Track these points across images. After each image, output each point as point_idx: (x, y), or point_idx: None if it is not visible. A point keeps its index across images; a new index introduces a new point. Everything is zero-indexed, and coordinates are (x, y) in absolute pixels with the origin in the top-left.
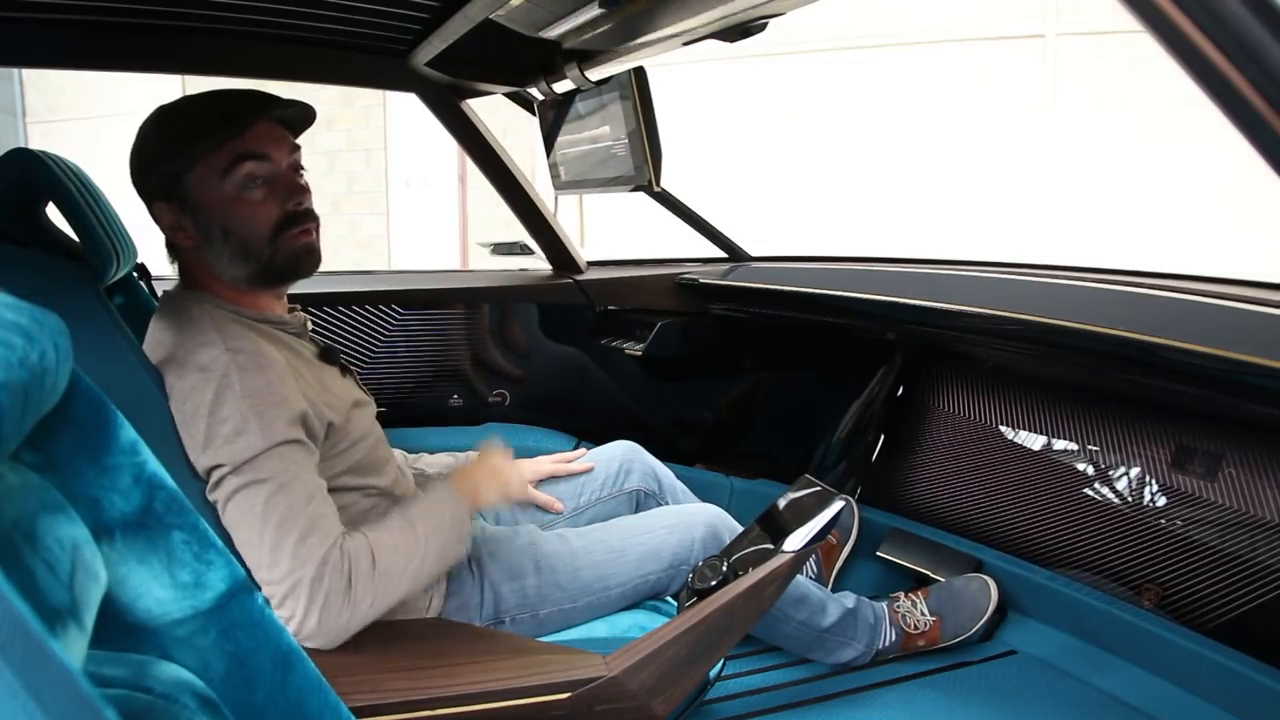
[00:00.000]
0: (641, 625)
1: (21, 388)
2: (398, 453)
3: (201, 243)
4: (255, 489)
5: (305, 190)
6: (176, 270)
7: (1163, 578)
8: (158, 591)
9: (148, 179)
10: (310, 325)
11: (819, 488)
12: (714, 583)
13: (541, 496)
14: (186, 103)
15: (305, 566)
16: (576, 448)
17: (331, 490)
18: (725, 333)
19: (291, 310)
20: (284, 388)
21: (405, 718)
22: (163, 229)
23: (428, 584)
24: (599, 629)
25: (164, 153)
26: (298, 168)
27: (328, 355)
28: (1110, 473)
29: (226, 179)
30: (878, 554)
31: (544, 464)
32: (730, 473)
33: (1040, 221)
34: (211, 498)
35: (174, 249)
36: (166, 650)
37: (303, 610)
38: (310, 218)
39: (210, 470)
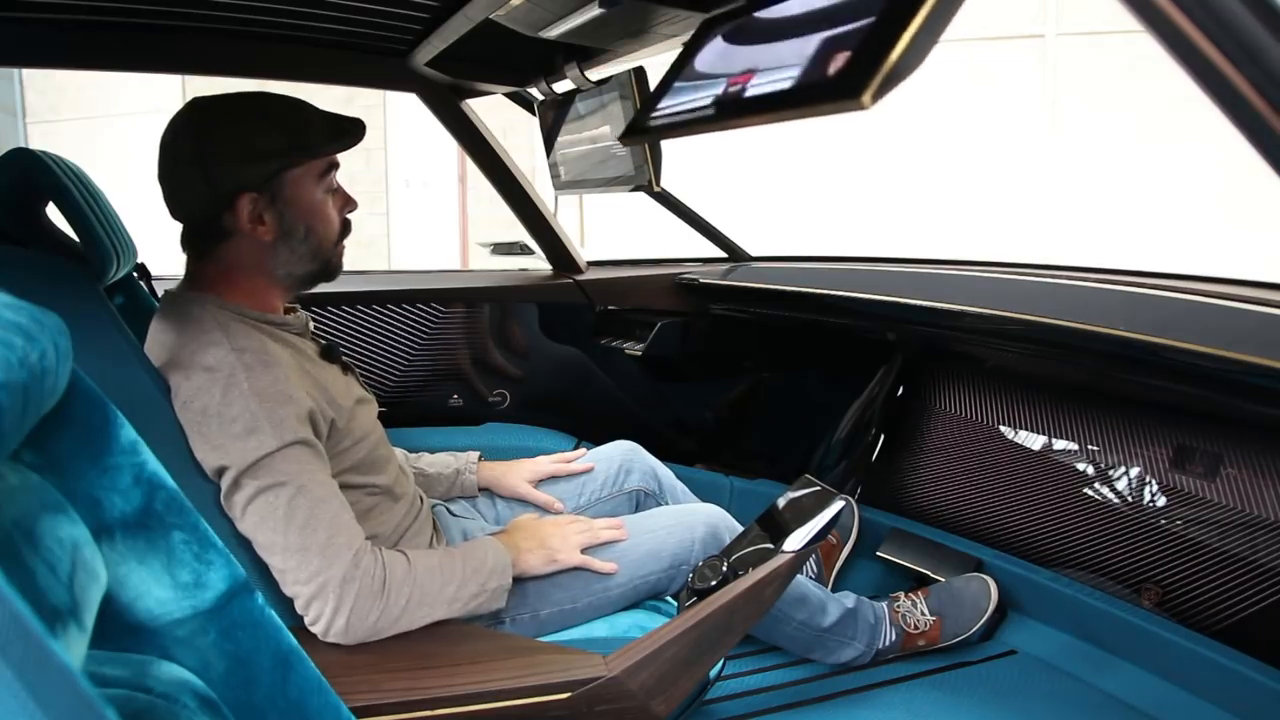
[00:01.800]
0: (641, 625)
1: (21, 388)
2: (398, 452)
3: (278, 238)
4: (275, 492)
5: (354, 201)
6: (187, 263)
7: (1163, 578)
8: (158, 591)
9: (240, 169)
10: (311, 325)
11: (819, 488)
12: (714, 583)
13: (541, 496)
14: (284, 100)
15: (333, 567)
16: (576, 448)
17: None
18: (725, 333)
19: (292, 311)
20: (291, 386)
21: (405, 718)
22: (239, 221)
23: (460, 615)
24: (599, 629)
25: (273, 146)
26: None
27: (329, 354)
28: (1110, 473)
29: (320, 182)
30: (878, 554)
31: (544, 464)
32: (730, 473)
33: (1040, 221)
34: (227, 503)
35: (206, 244)
36: (166, 650)
37: (330, 610)
38: (351, 228)
39: (221, 471)
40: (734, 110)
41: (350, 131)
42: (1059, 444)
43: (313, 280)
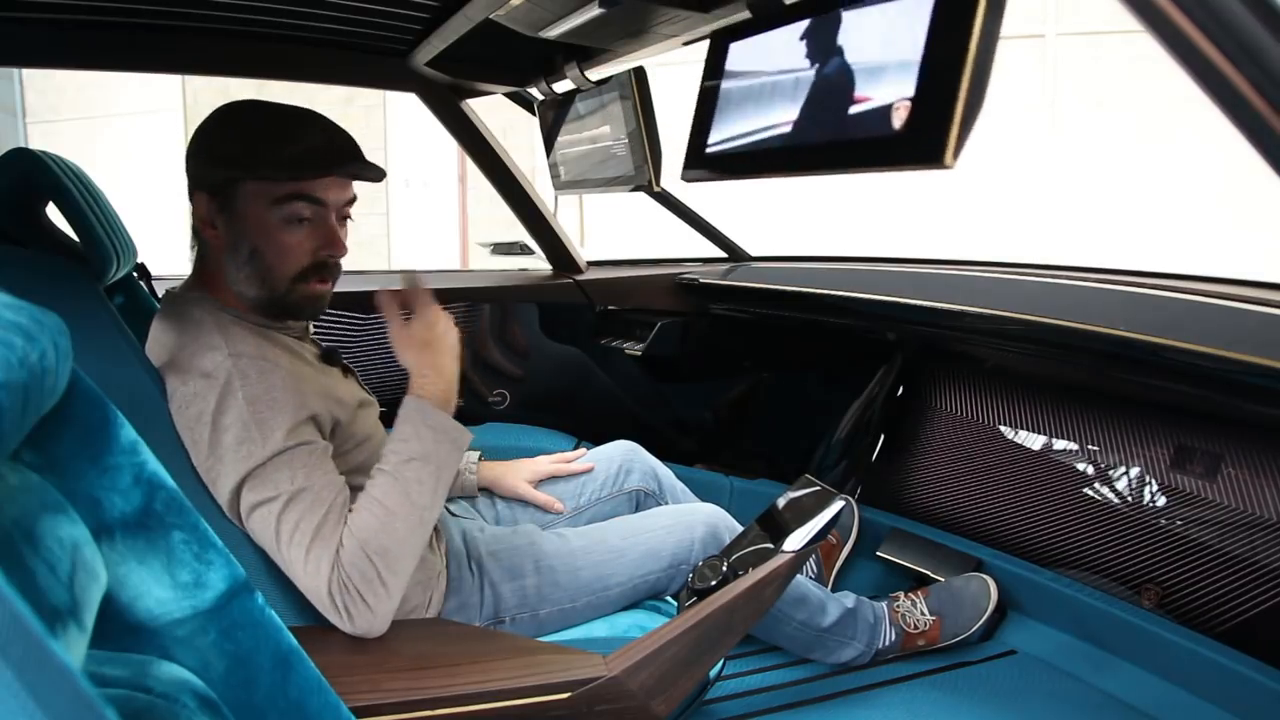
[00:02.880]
0: (641, 625)
1: (21, 387)
2: None
3: (226, 249)
4: (267, 507)
5: (341, 244)
6: (193, 258)
7: (1163, 578)
8: (158, 591)
9: (201, 167)
10: (311, 329)
11: (819, 488)
12: (714, 583)
13: (541, 496)
14: (274, 114)
15: (318, 580)
16: (576, 448)
17: None
18: (725, 333)
19: None
20: (287, 391)
21: (405, 718)
22: (194, 217)
23: (440, 505)
24: (599, 629)
25: (229, 153)
26: (344, 216)
27: (329, 358)
28: (1110, 473)
29: (275, 207)
30: (878, 554)
31: (543, 464)
32: (730, 473)
33: (1040, 221)
34: (230, 513)
35: (200, 237)
36: (166, 650)
37: (335, 618)
38: (335, 271)
39: (217, 481)
40: (804, 162)
41: (318, 162)
42: (1059, 444)
43: (265, 308)
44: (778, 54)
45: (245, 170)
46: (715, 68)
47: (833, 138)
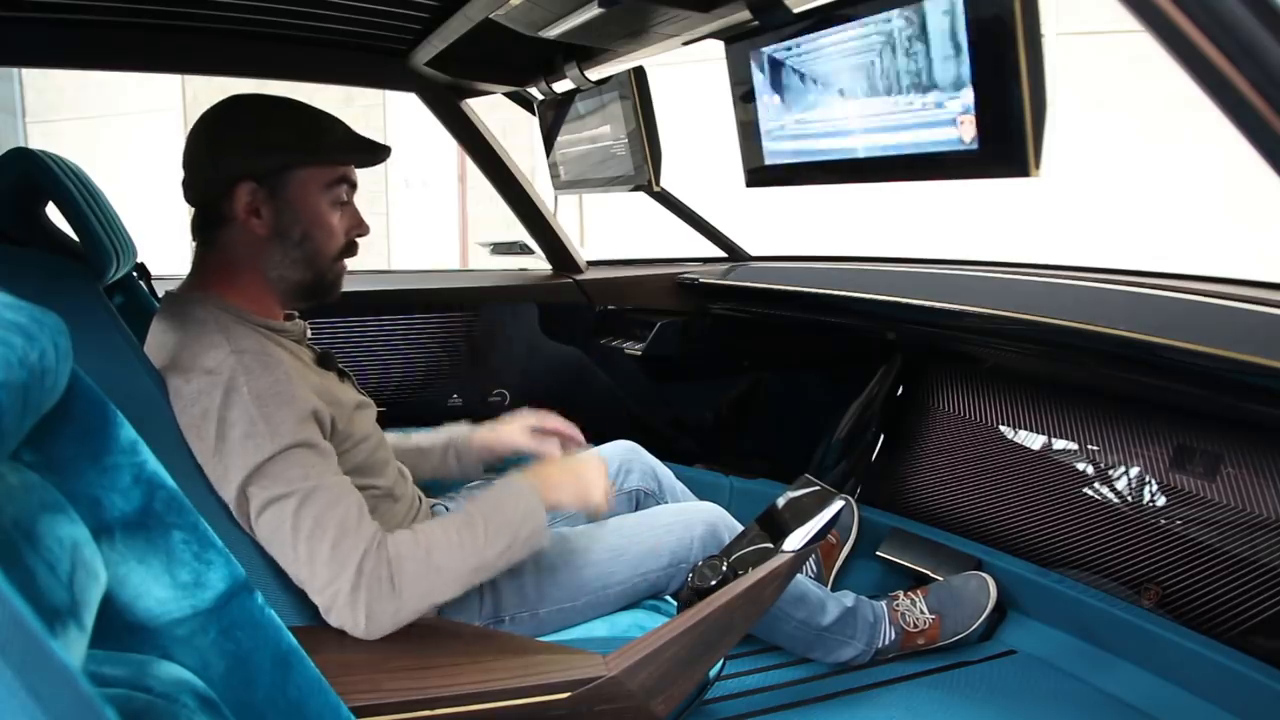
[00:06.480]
0: (641, 625)
1: (21, 387)
2: (390, 437)
3: (271, 236)
4: (281, 504)
5: (366, 224)
6: (194, 257)
7: (1163, 578)
8: (158, 591)
9: (248, 158)
10: (309, 332)
11: (819, 487)
12: (714, 582)
13: (542, 447)
14: (302, 106)
15: (342, 576)
16: None
17: None
18: (725, 332)
19: (290, 318)
20: (292, 387)
21: (405, 717)
22: (235, 208)
23: (493, 576)
24: (599, 629)
25: (283, 141)
26: None
27: (325, 361)
28: (1110, 473)
29: (327, 191)
30: (878, 554)
31: (546, 415)
32: (730, 473)
33: (1040, 221)
34: (239, 516)
35: (208, 231)
36: (166, 650)
37: (350, 617)
38: (355, 251)
39: (223, 477)
40: (873, 171)
41: (369, 150)
42: (1059, 444)
43: (306, 292)
44: (819, 63)
45: (307, 155)
46: (741, 75)
47: (901, 149)
